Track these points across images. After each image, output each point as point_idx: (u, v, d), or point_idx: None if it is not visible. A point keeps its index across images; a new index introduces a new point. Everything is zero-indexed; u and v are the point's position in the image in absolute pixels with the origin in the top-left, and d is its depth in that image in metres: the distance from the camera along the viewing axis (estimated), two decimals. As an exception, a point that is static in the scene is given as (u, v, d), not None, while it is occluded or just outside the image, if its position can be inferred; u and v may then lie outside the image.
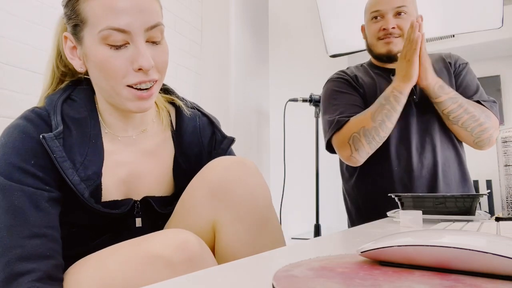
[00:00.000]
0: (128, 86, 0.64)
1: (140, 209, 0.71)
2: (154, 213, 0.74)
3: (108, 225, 0.70)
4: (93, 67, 0.65)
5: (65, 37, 0.68)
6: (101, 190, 0.67)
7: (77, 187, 0.63)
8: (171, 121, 0.80)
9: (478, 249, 0.27)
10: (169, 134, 0.79)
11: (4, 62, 0.96)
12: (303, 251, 0.45)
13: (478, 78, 1.26)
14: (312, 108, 1.94)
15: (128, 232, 0.70)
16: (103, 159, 0.68)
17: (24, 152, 0.61)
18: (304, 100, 1.92)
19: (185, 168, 0.77)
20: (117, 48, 0.62)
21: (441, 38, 3.54)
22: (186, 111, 0.81)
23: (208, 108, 1.73)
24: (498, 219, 0.71)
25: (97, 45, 0.62)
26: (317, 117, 1.93)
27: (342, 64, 3.36)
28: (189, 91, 1.71)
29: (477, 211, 0.78)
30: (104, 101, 0.71)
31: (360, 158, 1.15)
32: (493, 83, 3.76)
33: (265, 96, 2.07)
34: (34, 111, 0.66)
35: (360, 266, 0.31)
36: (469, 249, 0.27)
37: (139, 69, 0.63)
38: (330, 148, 1.24)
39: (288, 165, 2.01)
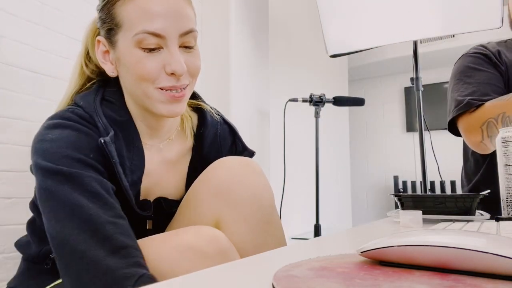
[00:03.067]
0: (160, 88, 0.64)
1: (153, 212, 0.71)
2: (162, 214, 0.74)
3: None
4: (125, 71, 0.65)
5: (98, 41, 0.68)
6: (140, 194, 0.68)
7: (128, 192, 0.63)
8: (192, 127, 0.81)
9: (478, 249, 0.27)
10: (191, 143, 0.79)
11: (4, 62, 0.96)
12: (303, 251, 0.45)
13: (479, 78, 1.25)
14: (312, 108, 1.94)
15: (139, 234, 0.70)
16: (144, 164, 0.68)
17: (81, 146, 0.60)
18: (304, 100, 1.92)
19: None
20: (150, 51, 0.62)
21: (440, 38, 3.55)
22: (210, 116, 0.81)
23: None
24: (498, 219, 0.71)
25: (131, 49, 0.63)
26: (317, 117, 1.93)
27: (343, 64, 3.37)
28: (189, 91, 1.71)
29: (477, 211, 0.78)
30: (135, 107, 0.70)
31: (491, 146, 1.03)
32: (493, 83, 3.76)
33: (265, 96, 2.07)
34: (73, 111, 0.64)
35: (360, 266, 0.31)
36: (469, 249, 0.27)
37: (172, 73, 0.63)
38: (451, 128, 1.13)
39: (288, 165, 2.01)
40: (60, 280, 0.62)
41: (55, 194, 0.55)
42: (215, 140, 0.80)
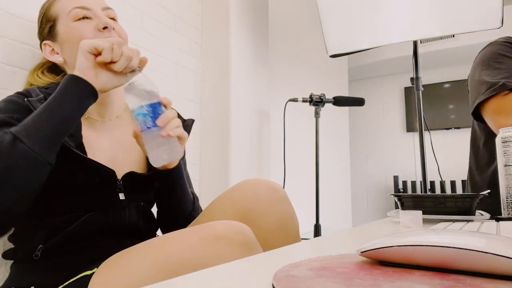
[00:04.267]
0: None
1: (122, 185, 0.77)
2: (135, 189, 0.79)
3: (93, 200, 0.73)
4: (68, 46, 0.79)
5: (44, 44, 0.83)
6: (84, 147, 0.74)
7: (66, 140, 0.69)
8: None
9: (478, 249, 0.27)
10: None
11: (4, 62, 0.96)
12: (303, 251, 0.45)
13: (479, 78, 1.24)
14: (312, 108, 1.94)
15: (113, 209, 0.75)
16: (81, 125, 0.76)
17: (7, 109, 0.69)
18: (304, 100, 1.92)
19: None
20: (83, 20, 0.78)
21: (441, 38, 3.55)
22: None
23: (208, 108, 1.73)
24: (498, 219, 0.71)
25: (69, 25, 0.78)
26: (317, 117, 1.93)
27: (343, 64, 3.37)
28: (188, 91, 1.71)
29: (477, 211, 0.78)
30: None
31: None
32: (493, 83, 3.76)
33: (265, 96, 2.07)
34: (12, 95, 0.74)
35: (360, 266, 0.31)
36: (469, 249, 0.27)
37: (104, 28, 0.77)
38: (476, 113, 1.11)
39: (288, 165, 2.01)
40: (87, 272, 0.63)
41: None
42: None
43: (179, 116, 0.89)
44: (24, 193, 0.59)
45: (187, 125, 0.89)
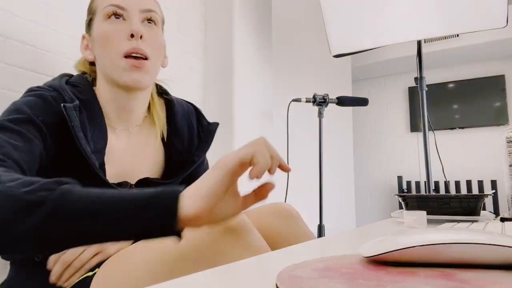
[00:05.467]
0: (125, 57, 0.72)
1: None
2: None
3: None
4: (97, 46, 0.75)
5: (83, 37, 0.80)
6: (105, 166, 0.72)
7: (90, 156, 0.67)
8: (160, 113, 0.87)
9: (475, 242, 0.27)
10: (160, 126, 0.85)
11: (7, 62, 0.96)
12: (307, 252, 0.45)
13: (483, 78, 1.25)
14: (316, 108, 1.94)
15: None
16: (107, 139, 0.73)
17: (34, 107, 0.64)
18: (308, 100, 1.91)
19: (178, 147, 0.83)
20: (114, 19, 0.73)
21: (445, 37, 3.53)
22: (175, 99, 0.89)
23: (212, 109, 1.73)
24: (503, 220, 0.71)
25: (101, 24, 0.74)
26: (320, 117, 1.92)
27: (347, 64, 3.36)
28: (192, 92, 1.71)
29: (482, 212, 0.78)
30: (107, 86, 0.76)
31: None
32: (497, 83, 3.74)
33: (268, 96, 2.06)
34: (40, 87, 0.70)
35: (364, 267, 0.31)
36: (470, 243, 0.27)
37: (131, 35, 0.72)
38: None
39: (291, 165, 2.00)
40: (88, 274, 0.63)
41: None
42: (184, 114, 0.88)
43: (201, 119, 0.89)
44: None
45: (211, 130, 0.89)
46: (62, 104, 0.65)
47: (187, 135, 0.86)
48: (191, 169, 0.85)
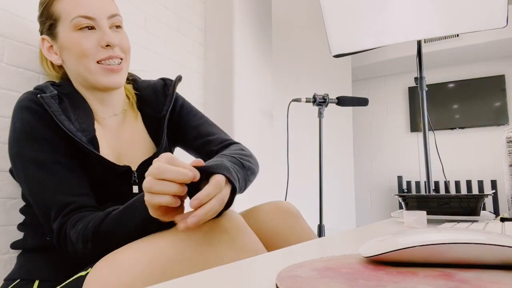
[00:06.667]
0: (98, 63, 0.76)
1: (137, 177, 0.79)
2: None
3: (108, 193, 0.75)
4: (68, 54, 0.78)
5: (43, 39, 0.81)
6: (98, 142, 0.75)
7: (75, 134, 0.70)
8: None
9: (474, 242, 0.27)
10: (139, 114, 0.89)
11: (8, 63, 0.96)
12: (307, 252, 0.45)
13: (483, 78, 1.25)
14: (316, 108, 1.94)
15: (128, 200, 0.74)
16: (93, 119, 0.78)
17: (39, 129, 0.69)
18: (308, 100, 1.91)
19: (149, 112, 0.87)
20: (85, 31, 0.76)
21: (445, 37, 3.53)
22: (142, 80, 0.93)
23: (212, 108, 1.74)
24: (503, 220, 0.71)
25: (70, 33, 0.76)
26: (320, 117, 1.92)
27: (347, 64, 3.36)
28: (192, 92, 1.71)
29: (482, 212, 0.78)
30: (83, 87, 0.80)
31: None
32: (497, 82, 3.74)
33: (268, 96, 2.07)
34: (28, 92, 0.74)
35: (364, 267, 0.31)
36: (469, 243, 0.27)
37: (107, 45, 0.75)
38: None
39: (292, 165, 2.00)
40: (81, 273, 0.63)
41: (27, 171, 0.69)
42: (149, 84, 0.92)
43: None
44: None
45: (173, 82, 0.92)
46: (38, 95, 0.69)
47: (153, 99, 0.89)
48: (166, 124, 0.86)
